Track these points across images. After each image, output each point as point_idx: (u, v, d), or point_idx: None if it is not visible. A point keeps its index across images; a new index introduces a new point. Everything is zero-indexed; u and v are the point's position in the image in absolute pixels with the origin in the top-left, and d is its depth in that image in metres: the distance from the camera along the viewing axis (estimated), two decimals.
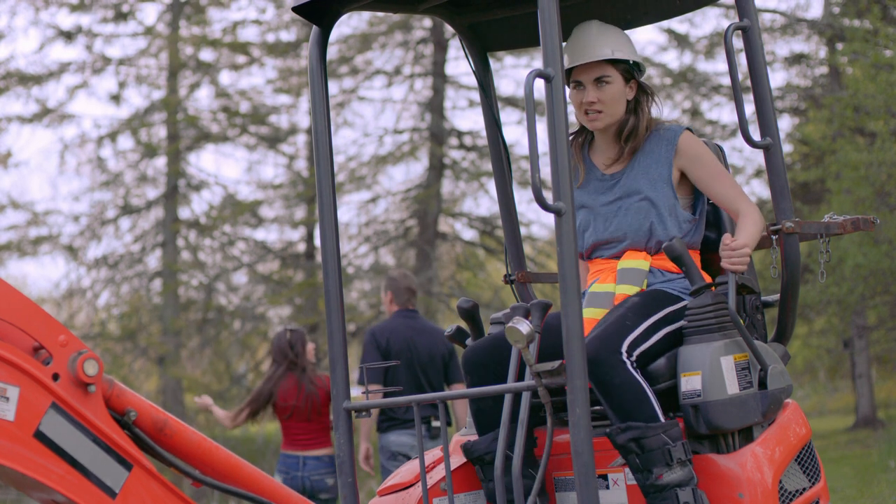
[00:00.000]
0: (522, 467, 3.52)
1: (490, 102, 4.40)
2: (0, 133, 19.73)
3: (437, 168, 19.23)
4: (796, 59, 21.00)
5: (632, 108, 3.88)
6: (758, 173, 20.12)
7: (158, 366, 19.69)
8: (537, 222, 21.13)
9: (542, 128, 3.29)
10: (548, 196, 3.14)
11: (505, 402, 3.52)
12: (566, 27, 3.94)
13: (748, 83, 3.85)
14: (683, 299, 3.72)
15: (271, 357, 7.90)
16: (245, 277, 20.98)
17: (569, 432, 3.17)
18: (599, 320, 3.66)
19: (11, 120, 19.72)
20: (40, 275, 32.68)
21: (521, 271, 4.48)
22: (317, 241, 20.07)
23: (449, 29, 17.46)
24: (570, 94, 3.88)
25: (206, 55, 20.44)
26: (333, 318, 3.71)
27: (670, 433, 3.42)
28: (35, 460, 3.05)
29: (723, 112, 26.35)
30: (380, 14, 15.51)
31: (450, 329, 4.09)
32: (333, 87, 19.54)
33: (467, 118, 41.85)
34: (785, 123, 21.76)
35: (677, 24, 20.56)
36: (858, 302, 17.54)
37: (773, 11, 20.61)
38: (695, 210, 3.89)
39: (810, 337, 22.56)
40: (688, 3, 4.15)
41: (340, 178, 19.28)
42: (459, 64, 20.74)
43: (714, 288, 3.64)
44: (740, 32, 3.81)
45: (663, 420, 3.44)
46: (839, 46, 19.31)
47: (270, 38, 20.42)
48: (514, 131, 22.64)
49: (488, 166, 18.70)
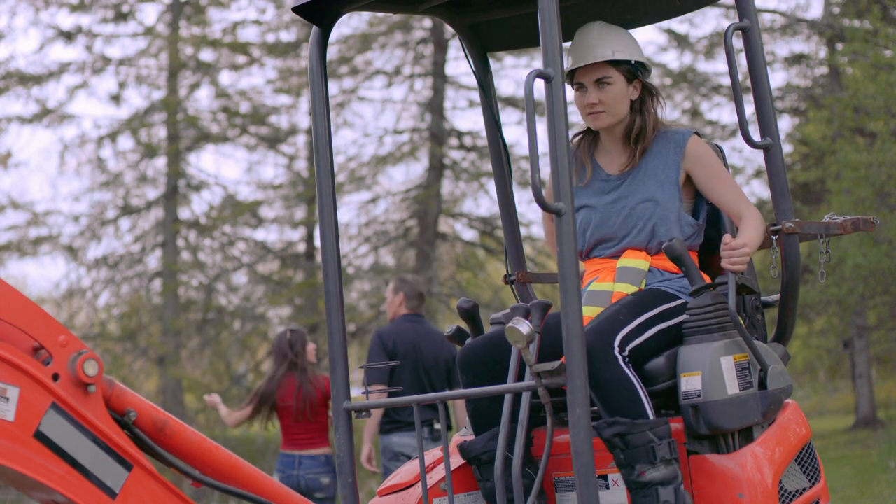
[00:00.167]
0: (521, 467, 3.52)
1: (490, 102, 4.40)
2: (0, 133, 19.74)
3: (437, 168, 19.22)
4: (796, 60, 21.00)
5: (637, 109, 3.88)
6: (758, 173, 20.12)
7: (158, 366, 19.69)
8: (537, 222, 21.08)
9: (542, 128, 3.28)
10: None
11: (505, 403, 3.52)
12: (566, 27, 3.94)
13: (748, 83, 3.85)
14: (679, 298, 3.73)
15: (273, 357, 7.94)
16: (245, 278, 20.98)
17: (569, 432, 3.17)
18: (594, 317, 3.66)
19: (11, 120, 19.72)
20: (40, 275, 32.65)
21: (521, 271, 4.48)
22: (317, 242, 20.06)
23: (449, 29, 17.45)
24: (574, 97, 3.89)
25: (206, 55, 20.46)
26: (333, 319, 3.71)
27: (657, 431, 3.42)
28: (35, 460, 3.05)
29: (723, 112, 26.39)
30: (380, 14, 15.50)
31: (450, 329, 4.09)
32: (333, 88, 19.53)
33: (467, 118, 41.84)
34: (785, 124, 21.77)
35: (677, 25, 20.58)
36: (858, 302, 17.55)
37: (773, 11, 20.61)
38: (697, 214, 3.90)
39: (810, 337, 22.57)
40: (688, 4, 4.15)
41: (340, 179, 19.28)
42: (459, 64, 20.75)
43: (714, 288, 3.64)
44: (740, 33, 3.81)
45: (652, 417, 3.45)
46: (839, 47, 19.30)
47: (270, 39, 20.43)
48: (514, 131, 22.64)
49: (488, 166, 18.69)
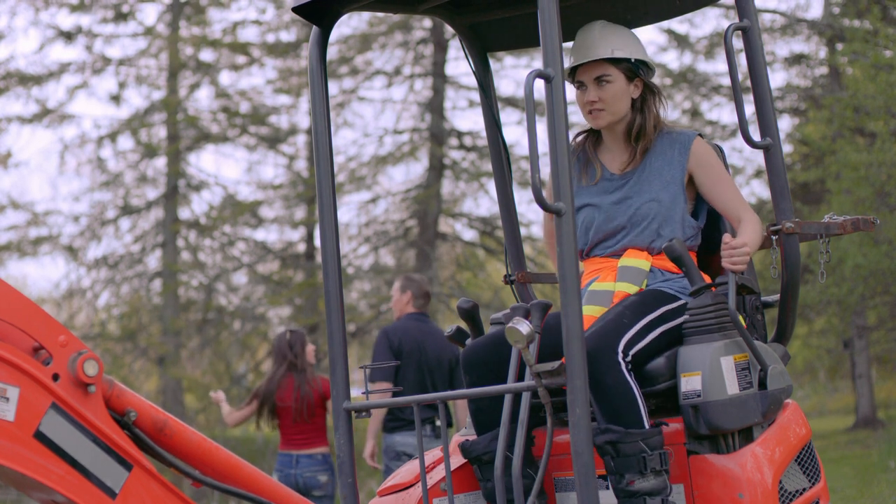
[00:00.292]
0: (522, 467, 3.52)
1: (490, 103, 4.40)
2: (0, 133, 19.74)
3: (437, 168, 19.22)
4: (796, 60, 21.00)
5: (638, 107, 3.88)
6: (758, 173, 20.12)
7: (158, 366, 19.69)
8: (537, 222, 21.10)
9: (542, 128, 3.28)
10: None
11: (505, 403, 3.52)
12: (567, 27, 3.94)
13: (748, 83, 3.85)
14: (680, 298, 3.72)
15: (272, 358, 7.98)
16: (245, 278, 20.98)
17: (569, 432, 3.17)
18: (597, 318, 3.66)
19: (11, 120, 19.73)
20: (40, 275, 32.64)
21: (521, 271, 4.48)
22: (317, 242, 20.06)
23: (449, 29, 17.45)
24: (575, 96, 3.89)
25: (206, 55, 20.46)
26: (333, 319, 3.71)
27: (649, 442, 3.41)
28: (35, 460, 3.05)
29: (723, 112, 26.38)
30: (380, 14, 15.49)
31: (450, 329, 4.08)
32: (333, 88, 19.54)
33: (467, 118, 41.85)
34: (785, 124, 21.77)
35: (677, 25, 20.58)
36: (858, 302, 17.55)
37: (773, 12, 20.61)
38: (697, 215, 3.90)
39: (810, 337, 22.57)
40: (688, 4, 4.15)
41: (340, 179, 19.27)
42: (459, 64, 20.76)
43: (714, 288, 3.64)
44: (740, 33, 3.81)
45: (647, 427, 3.44)
46: (839, 47, 19.31)
47: (270, 39, 20.44)
48: (514, 131, 22.64)
49: (488, 166, 18.69)
